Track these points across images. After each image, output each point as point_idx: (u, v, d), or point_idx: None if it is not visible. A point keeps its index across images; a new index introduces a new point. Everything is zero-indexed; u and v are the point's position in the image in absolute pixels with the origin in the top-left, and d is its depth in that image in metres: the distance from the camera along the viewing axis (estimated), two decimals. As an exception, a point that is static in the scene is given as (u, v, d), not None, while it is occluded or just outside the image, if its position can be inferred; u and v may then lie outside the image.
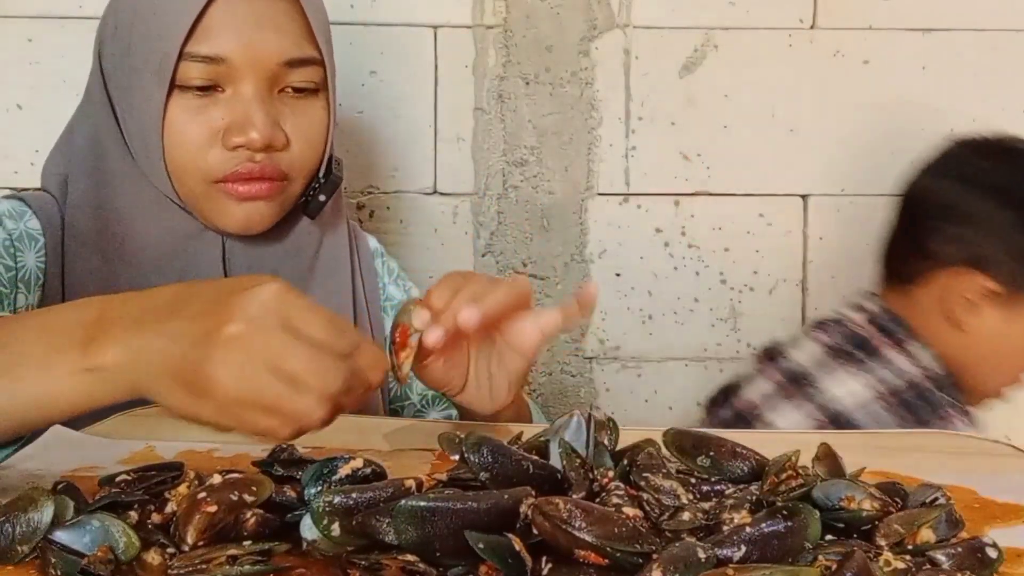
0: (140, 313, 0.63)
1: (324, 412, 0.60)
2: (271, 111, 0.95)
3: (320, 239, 1.06)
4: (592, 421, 0.71)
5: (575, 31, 1.46)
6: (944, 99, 1.48)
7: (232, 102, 0.94)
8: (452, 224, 1.49)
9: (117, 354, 0.61)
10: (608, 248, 1.50)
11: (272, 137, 0.94)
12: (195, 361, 0.58)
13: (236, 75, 0.93)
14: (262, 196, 0.96)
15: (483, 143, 1.48)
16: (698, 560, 0.53)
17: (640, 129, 1.48)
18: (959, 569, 0.56)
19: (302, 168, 0.98)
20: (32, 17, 1.41)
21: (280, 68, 0.95)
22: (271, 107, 0.95)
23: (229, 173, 0.94)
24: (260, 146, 0.93)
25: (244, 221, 0.97)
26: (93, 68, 1.01)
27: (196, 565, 0.55)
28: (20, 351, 0.64)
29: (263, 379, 0.58)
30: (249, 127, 0.93)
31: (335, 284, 1.07)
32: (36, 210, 0.98)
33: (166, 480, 0.66)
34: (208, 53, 0.92)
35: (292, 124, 0.96)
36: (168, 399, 0.60)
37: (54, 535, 0.56)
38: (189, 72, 0.92)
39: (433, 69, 1.46)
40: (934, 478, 0.71)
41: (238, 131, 0.93)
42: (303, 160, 0.98)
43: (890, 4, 1.47)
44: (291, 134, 0.96)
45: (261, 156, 0.94)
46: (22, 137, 1.42)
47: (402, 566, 0.54)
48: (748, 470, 0.68)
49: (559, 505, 0.55)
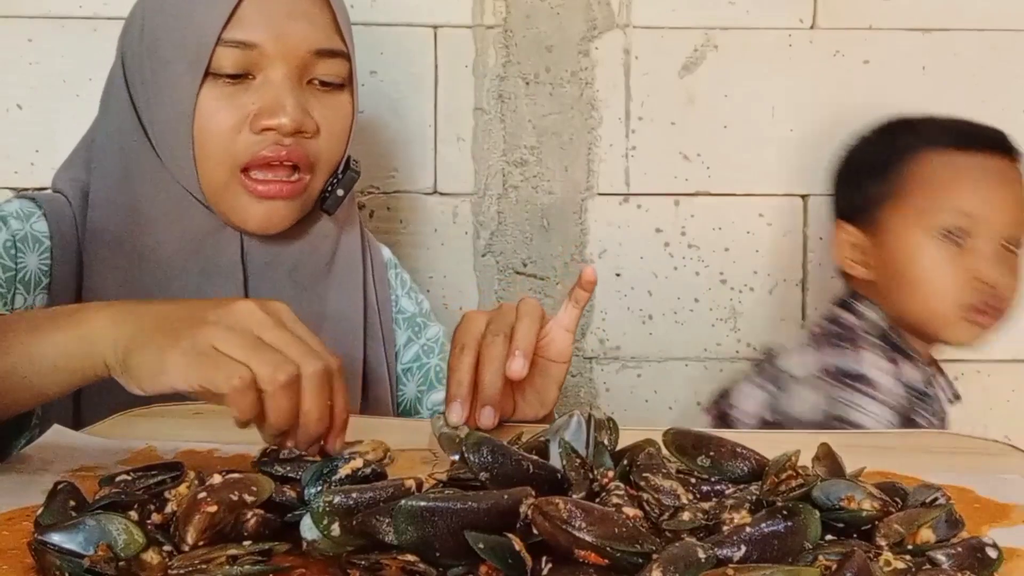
0: (127, 304, 0.72)
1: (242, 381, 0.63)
2: (301, 98, 0.96)
3: (337, 239, 1.06)
4: (592, 421, 0.71)
5: (575, 31, 1.46)
6: (944, 99, 1.47)
7: (263, 88, 0.95)
8: (452, 224, 1.49)
9: (102, 320, 0.69)
10: (608, 248, 1.50)
11: (302, 122, 0.95)
12: (170, 329, 0.66)
13: (267, 62, 0.95)
14: (282, 196, 0.97)
15: (483, 143, 1.48)
16: (698, 560, 0.53)
17: (640, 129, 1.48)
18: (959, 569, 0.56)
19: (327, 160, 1.00)
20: (32, 17, 1.41)
21: (310, 57, 0.97)
22: (301, 94, 0.96)
23: (255, 158, 0.95)
24: (289, 130, 0.95)
25: (263, 220, 0.98)
26: (113, 72, 1.02)
27: (196, 565, 0.55)
28: (10, 328, 0.72)
29: (222, 340, 0.65)
30: (280, 111, 0.94)
31: (350, 285, 1.08)
32: (47, 212, 0.98)
33: (166, 480, 0.66)
34: (242, 39, 0.94)
35: (320, 115, 0.98)
36: (138, 355, 0.66)
37: (48, 537, 0.56)
38: (222, 59, 0.94)
39: (433, 69, 1.46)
40: (934, 478, 0.71)
41: (268, 114, 0.94)
42: (329, 151, 0.99)
43: (890, 4, 1.47)
44: (319, 124, 0.98)
45: (289, 141, 0.95)
46: (22, 137, 1.42)
47: (402, 566, 0.54)
48: (748, 470, 0.68)
49: (559, 505, 0.55)
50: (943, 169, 1.24)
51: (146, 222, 0.98)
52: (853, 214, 1.30)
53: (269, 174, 0.96)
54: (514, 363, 0.81)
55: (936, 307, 1.21)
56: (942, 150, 1.24)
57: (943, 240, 1.20)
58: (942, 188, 1.23)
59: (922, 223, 1.22)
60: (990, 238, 1.21)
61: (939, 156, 1.24)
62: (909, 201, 1.24)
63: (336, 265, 1.06)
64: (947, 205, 1.21)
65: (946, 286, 1.21)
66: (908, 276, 1.23)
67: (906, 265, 1.23)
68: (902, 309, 1.25)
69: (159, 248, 0.98)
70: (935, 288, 1.21)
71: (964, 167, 1.24)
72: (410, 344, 1.15)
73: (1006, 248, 1.22)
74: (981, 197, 1.22)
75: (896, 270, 1.24)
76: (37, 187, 1.02)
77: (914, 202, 1.23)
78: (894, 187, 1.25)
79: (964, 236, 1.20)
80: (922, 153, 1.25)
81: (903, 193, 1.25)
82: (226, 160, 0.95)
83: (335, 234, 1.06)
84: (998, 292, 1.21)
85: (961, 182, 1.23)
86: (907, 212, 1.24)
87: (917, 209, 1.23)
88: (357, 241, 1.09)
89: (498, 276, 1.50)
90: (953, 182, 1.23)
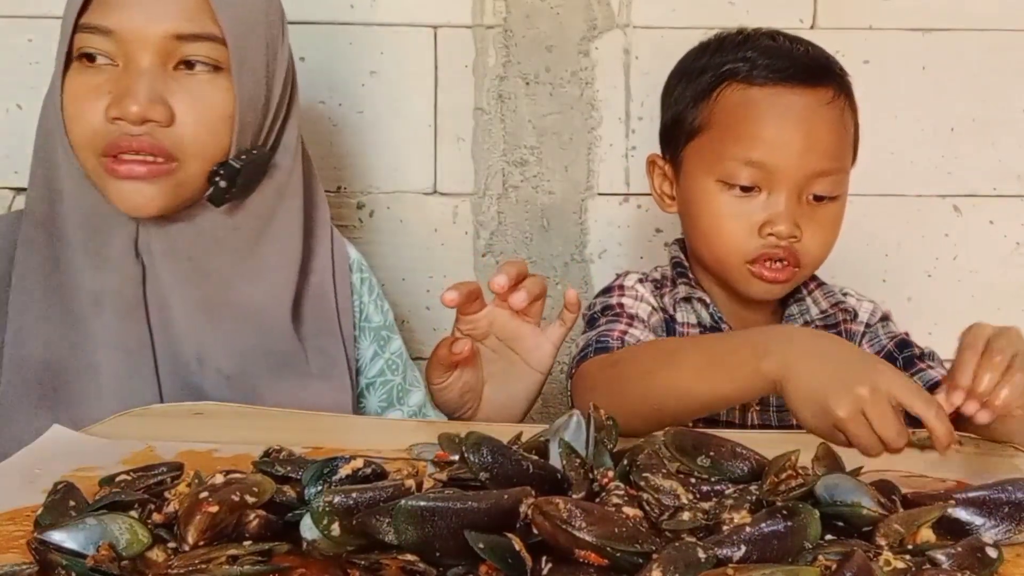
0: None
1: None
2: (157, 85, 0.93)
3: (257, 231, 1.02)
4: (592, 421, 0.71)
5: (575, 31, 1.46)
6: (944, 99, 1.48)
7: (121, 75, 0.93)
8: (452, 224, 1.49)
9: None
10: (608, 248, 1.50)
11: (149, 111, 0.92)
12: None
13: (127, 48, 0.93)
14: (140, 177, 0.93)
15: (483, 143, 1.48)
16: (698, 560, 0.53)
17: (640, 129, 1.48)
18: (959, 569, 0.56)
19: (193, 149, 0.94)
20: (32, 17, 1.41)
21: (170, 42, 0.93)
22: (158, 82, 0.93)
23: (109, 145, 0.93)
24: (135, 119, 0.91)
25: (127, 201, 0.95)
26: None
27: (196, 565, 0.55)
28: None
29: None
30: (128, 100, 0.91)
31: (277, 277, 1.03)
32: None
33: (166, 480, 0.66)
34: (96, 24, 0.92)
35: (181, 100, 0.93)
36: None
37: (49, 536, 0.56)
38: (82, 43, 0.93)
39: (433, 69, 1.46)
40: (934, 478, 0.71)
41: (116, 103, 0.92)
42: (193, 141, 0.94)
43: (890, 4, 1.47)
44: (180, 112, 0.93)
45: (139, 130, 0.92)
46: (22, 137, 1.41)
47: (402, 566, 0.54)
48: (748, 470, 0.68)
49: (559, 505, 0.55)
50: (738, 108, 1.09)
51: (63, 201, 0.98)
52: (664, 145, 1.19)
53: (128, 156, 0.93)
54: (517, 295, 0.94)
55: (721, 256, 1.11)
56: (742, 83, 1.09)
57: (728, 190, 1.08)
58: (732, 131, 1.09)
59: (713, 169, 1.09)
60: (785, 189, 1.07)
61: (738, 90, 1.09)
62: (705, 142, 1.11)
63: (253, 257, 1.02)
64: (735, 152, 1.07)
65: (730, 237, 1.09)
66: (696, 222, 1.13)
67: (695, 210, 1.12)
68: (695, 253, 1.17)
69: (71, 228, 0.98)
70: (720, 239, 1.10)
71: (761, 107, 1.08)
72: (376, 358, 1.13)
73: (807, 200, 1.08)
74: (776, 143, 1.07)
75: (688, 213, 1.15)
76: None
77: (710, 144, 1.10)
78: (696, 124, 1.12)
79: (755, 188, 1.08)
80: (725, 86, 1.11)
81: (703, 132, 1.12)
82: (88, 146, 0.94)
83: (250, 224, 1.01)
84: (789, 247, 1.08)
85: (754, 126, 1.08)
86: (703, 153, 1.11)
87: (710, 151, 1.10)
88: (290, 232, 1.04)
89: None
90: (744, 123, 1.08)
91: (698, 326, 1.15)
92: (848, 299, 1.19)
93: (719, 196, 1.09)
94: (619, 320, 1.11)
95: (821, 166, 1.07)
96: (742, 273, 1.10)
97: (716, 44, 1.16)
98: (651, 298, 1.16)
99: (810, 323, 1.16)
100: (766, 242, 1.08)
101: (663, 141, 1.19)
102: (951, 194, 1.50)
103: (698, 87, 1.13)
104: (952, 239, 1.51)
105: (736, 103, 1.10)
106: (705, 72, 1.13)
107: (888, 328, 1.18)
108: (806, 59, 1.11)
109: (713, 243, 1.11)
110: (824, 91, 1.09)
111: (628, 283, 1.17)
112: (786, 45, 1.13)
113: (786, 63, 1.09)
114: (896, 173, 1.29)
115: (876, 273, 1.49)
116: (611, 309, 1.13)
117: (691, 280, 1.17)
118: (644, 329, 1.10)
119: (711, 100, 1.11)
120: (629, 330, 1.09)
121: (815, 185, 1.08)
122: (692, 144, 1.13)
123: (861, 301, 1.20)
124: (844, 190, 1.12)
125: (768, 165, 1.07)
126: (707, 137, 1.11)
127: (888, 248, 1.50)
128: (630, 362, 0.98)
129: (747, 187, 1.08)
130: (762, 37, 1.14)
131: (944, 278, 1.52)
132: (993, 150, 1.49)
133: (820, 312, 1.17)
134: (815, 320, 1.16)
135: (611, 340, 1.06)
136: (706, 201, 1.10)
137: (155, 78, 0.93)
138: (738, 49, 1.12)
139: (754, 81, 1.09)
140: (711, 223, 1.10)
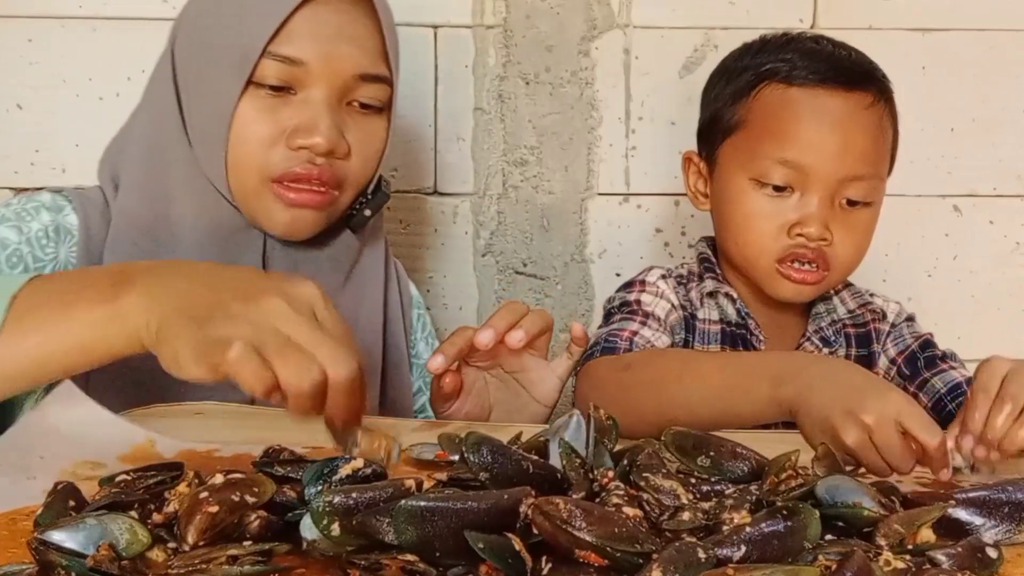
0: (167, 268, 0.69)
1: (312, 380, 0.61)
2: (337, 119, 0.97)
3: (358, 254, 1.07)
4: (592, 421, 0.71)
5: (575, 31, 1.46)
6: (944, 99, 1.48)
7: (302, 105, 0.96)
8: (452, 224, 1.49)
9: (137, 296, 0.65)
10: (608, 248, 1.50)
11: (336, 144, 0.96)
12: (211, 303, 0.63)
13: (310, 80, 0.96)
14: (311, 205, 0.97)
15: (483, 143, 1.48)
16: (698, 560, 0.53)
17: (640, 129, 1.48)
18: (959, 569, 0.56)
19: (356, 181, 1.01)
20: (32, 17, 1.41)
21: (353, 80, 0.97)
22: (338, 116, 0.97)
23: (287, 172, 0.96)
24: (323, 150, 0.95)
25: (289, 226, 0.98)
26: (161, 63, 1.03)
27: (196, 565, 0.55)
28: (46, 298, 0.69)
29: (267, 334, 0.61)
30: (315, 131, 0.95)
31: (367, 300, 1.08)
32: (76, 207, 0.99)
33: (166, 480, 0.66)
34: (289, 54, 0.95)
35: (354, 137, 0.99)
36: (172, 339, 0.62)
37: (49, 536, 0.56)
38: (267, 70, 0.95)
39: (433, 69, 1.46)
40: (934, 478, 0.71)
41: (304, 133, 0.95)
42: (358, 173, 1.00)
43: (890, 4, 1.47)
44: (352, 146, 0.99)
45: (321, 160, 0.96)
46: (22, 137, 1.42)
47: (402, 566, 0.54)
48: (748, 470, 0.68)
49: (559, 505, 0.55)
50: (775, 106, 1.10)
51: (172, 213, 0.99)
52: (701, 143, 1.19)
53: (300, 184, 0.96)
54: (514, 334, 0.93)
55: (749, 255, 1.11)
56: (781, 82, 1.10)
57: (761, 189, 1.08)
58: (768, 129, 1.09)
59: (747, 167, 1.09)
60: (818, 191, 1.07)
61: (777, 90, 1.10)
62: (741, 140, 1.12)
63: (354, 279, 1.07)
64: (770, 151, 1.07)
65: (760, 236, 1.09)
66: (727, 220, 1.13)
67: (728, 208, 1.13)
68: (724, 251, 1.17)
69: (182, 240, 0.99)
70: (750, 237, 1.10)
71: (799, 107, 1.08)
72: (419, 394, 1.16)
73: (839, 204, 1.08)
74: (810, 143, 1.06)
75: (720, 210, 1.15)
76: (37, 187, 1.02)
77: (746, 142, 1.11)
78: (733, 122, 1.13)
79: (787, 188, 1.08)
80: (764, 85, 1.11)
81: (740, 130, 1.12)
82: (258, 169, 0.96)
83: (357, 249, 1.07)
84: (819, 249, 1.08)
85: (791, 125, 1.08)
86: (738, 151, 1.12)
87: (746, 149, 1.10)
88: (380, 259, 1.10)
89: (498, 276, 1.50)
90: (781, 122, 1.08)
91: (720, 323, 1.16)
92: (875, 299, 1.20)
93: (751, 194, 1.10)
94: (633, 319, 1.11)
95: (855, 170, 1.08)
96: (770, 273, 1.11)
97: (759, 45, 1.16)
98: (672, 295, 1.16)
99: (837, 322, 1.17)
100: (795, 242, 1.08)
101: (700, 139, 1.20)
102: (951, 194, 1.50)
103: (737, 85, 1.14)
104: (952, 239, 1.51)
105: (774, 102, 1.10)
106: (746, 71, 1.14)
107: (913, 328, 1.19)
108: (847, 63, 1.11)
109: (743, 241, 1.12)
110: (864, 95, 1.09)
111: (650, 279, 1.17)
112: (828, 48, 1.13)
113: (826, 65, 1.10)
114: (896, 173, 1.29)
115: (876, 273, 1.49)
116: (628, 306, 1.13)
117: (718, 275, 1.17)
118: (658, 330, 1.11)
119: (749, 98, 1.12)
120: (640, 330, 1.09)
121: (848, 189, 1.08)
122: (728, 142, 1.13)
123: (888, 303, 1.21)
124: (878, 198, 1.12)
125: (802, 165, 1.07)
126: (743, 135, 1.12)
127: (888, 248, 1.50)
128: (642, 369, 0.98)
129: (780, 187, 1.08)
130: (806, 40, 1.15)
131: (944, 278, 1.52)
132: (993, 150, 1.49)
133: (848, 312, 1.18)
134: (843, 319, 1.17)
135: (619, 341, 1.07)
136: (738, 199, 1.11)
137: (336, 112, 0.97)
138: (780, 50, 1.13)
139: (793, 81, 1.09)
140: (742, 221, 1.11)
